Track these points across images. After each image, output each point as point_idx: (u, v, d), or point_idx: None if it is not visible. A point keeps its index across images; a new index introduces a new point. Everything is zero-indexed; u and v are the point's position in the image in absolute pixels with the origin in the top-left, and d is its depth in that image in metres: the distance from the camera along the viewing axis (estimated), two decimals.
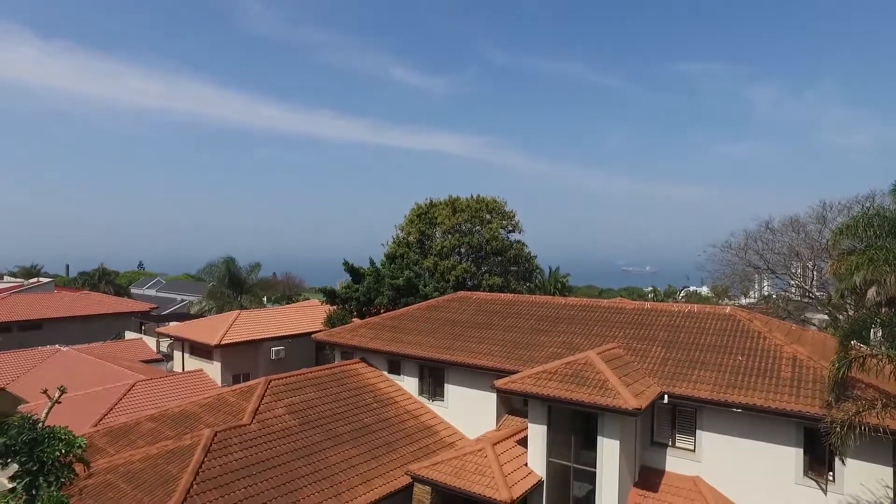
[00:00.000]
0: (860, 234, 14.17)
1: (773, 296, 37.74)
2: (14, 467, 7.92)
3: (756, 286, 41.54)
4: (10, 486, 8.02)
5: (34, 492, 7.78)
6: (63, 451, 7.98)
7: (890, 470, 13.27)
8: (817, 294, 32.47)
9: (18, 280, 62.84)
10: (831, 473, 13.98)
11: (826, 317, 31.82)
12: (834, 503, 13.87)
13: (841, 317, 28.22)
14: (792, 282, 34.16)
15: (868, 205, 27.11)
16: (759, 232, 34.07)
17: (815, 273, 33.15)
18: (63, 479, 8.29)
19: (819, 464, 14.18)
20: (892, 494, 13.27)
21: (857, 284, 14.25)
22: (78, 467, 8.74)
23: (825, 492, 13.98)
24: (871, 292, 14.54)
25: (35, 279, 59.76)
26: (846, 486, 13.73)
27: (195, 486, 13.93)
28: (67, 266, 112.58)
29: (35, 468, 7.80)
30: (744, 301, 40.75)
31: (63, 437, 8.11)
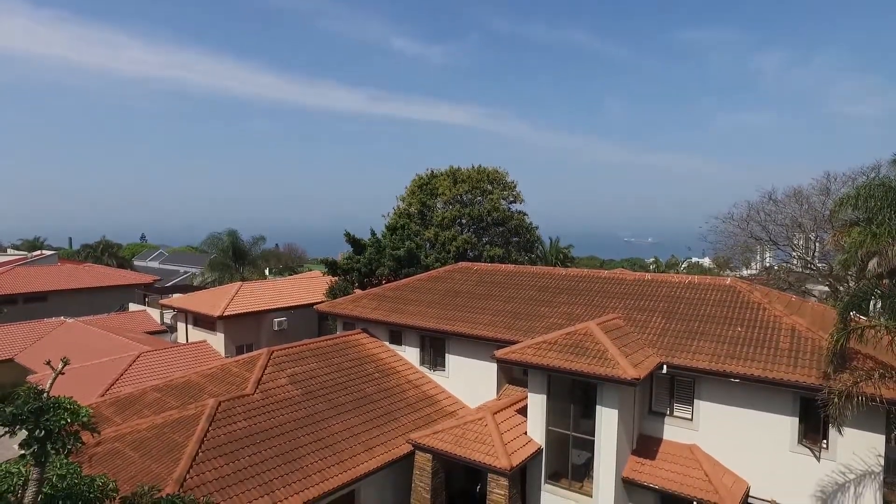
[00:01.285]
0: (862, 205, 14.07)
1: (775, 267, 37.73)
2: (22, 435, 8.05)
3: (758, 257, 41.48)
4: (21, 452, 8.16)
5: (43, 458, 7.91)
6: (68, 421, 8.08)
7: (882, 438, 13.47)
8: (819, 265, 32.45)
9: (22, 253, 63.08)
10: (825, 441, 14.19)
11: (826, 288, 31.85)
12: (826, 470, 14.12)
13: (841, 288, 28.26)
14: (794, 253, 34.11)
15: (873, 175, 26.85)
16: (762, 203, 33.90)
17: (817, 244, 33.07)
18: (70, 447, 8.41)
19: (813, 432, 14.39)
20: (882, 461, 13.50)
21: (859, 256, 14.24)
22: (85, 436, 8.86)
23: (818, 459, 14.22)
24: (873, 263, 14.54)
25: (38, 252, 59.96)
26: (839, 453, 13.96)
27: (200, 454, 14.22)
28: (70, 239, 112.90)
29: (42, 436, 7.90)
30: (745, 272, 40.75)
31: (68, 406, 8.21)
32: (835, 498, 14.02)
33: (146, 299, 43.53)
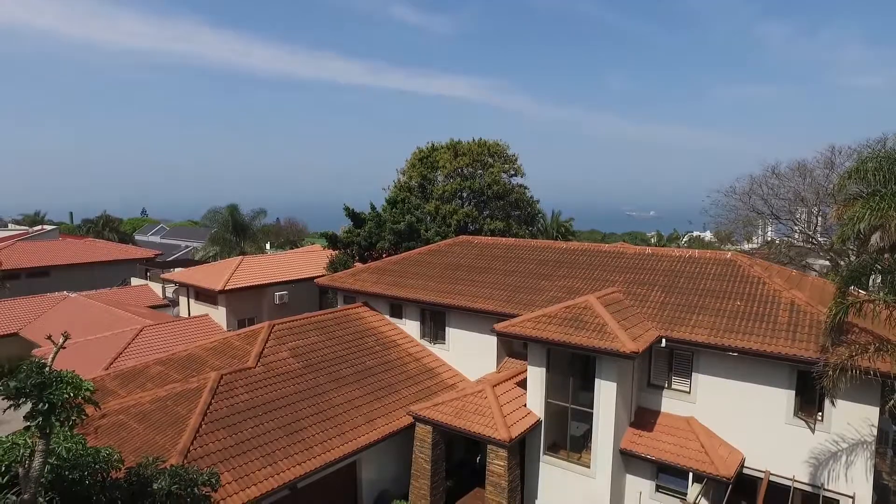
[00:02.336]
0: (868, 178, 13.88)
1: (776, 241, 37.67)
2: (27, 408, 8.16)
3: (759, 232, 41.38)
4: (26, 425, 8.29)
5: (47, 430, 8.04)
6: (71, 395, 8.17)
7: (876, 410, 13.62)
8: (820, 240, 32.37)
9: (23, 228, 63.12)
10: (820, 413, 14.35)
11: (827, 262, 31.85)
12: (820, 441, 14.32)
13: (842, 263, 28.22)
14: (795, 227, 34.00)
15: (879, 148, 26.55)
16: (765, 177, 33.66)
17: (819, 219, 32.94)
18: (73, 420, 8.54)
19: (809, 404, 14.54)
20: (875, 432, 13.67)
21: (861, 230, 14.14)
22: (90, 408, 8.99)
23: (813, 430, 14.40)
24: (875, 238, 14.43)
25: (39, 227, 59.98)
26: (833, 425, 14.14)
27: (204, 426, 14.43)
28: (71, 214, 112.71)
29: (46, 409, 8.01)
30: (746, 246, 40.69)
31: (70, 380, 8.29)
32: (827, 467, 14.25)
33: (148, 274, 43.63)
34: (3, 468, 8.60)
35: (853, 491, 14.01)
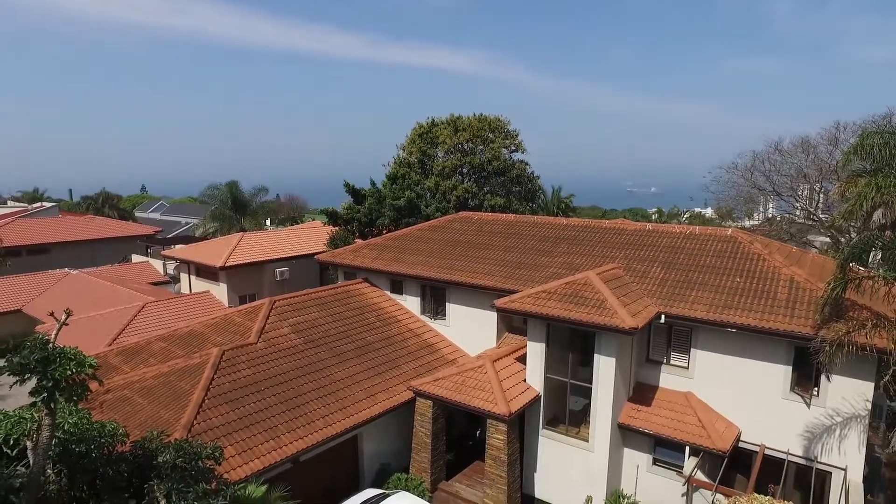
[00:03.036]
0: (875, 154, 13.75)
1: (777, 218, 37.61)
2: (32, 383, 8.26)
3: (760, 208, 41.29)
4: (32, 400, 8.40)
5: (53, 405, 8.14)
6: (75, 371, 8.26)
7: (871, 385, 13.76)
8: (821, 216, 32.31)
9: (22, 205, 62.98)
10: (816, 388, 14.50)
11: (828, 239, 31.83)
12: (815, 415, 14.50)
13: (843, 239, 28.20)
14: (797, 204, 33.91)
15: (885, 124, 26.30)
16: (768, 153, 33.47)
17: (821, 195, 32.84)
18: (77, 396, 8.64)
19: (805, 380, 14.68)
20: (869, 407, 13.84)
21: (864, 208, 14.08)
22: (93, 384, 9.09)
23: (808, 405, 14.57)
24: (878, 214, 14.39)
25: (39, 204, 59.85)
26: (828, 400, 14.30)
27: (207, 401, 14.61)
28: (70, 191, 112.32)
29: (50, 385, 8.11)
30: (747, 223, 40.65)
31: (73, 356, 8.37)
32: (821, 441, 14.45)
33: (148, 250, 43.69)
34: (12, 441, 8.75)
35: (845, 463, 14.24)
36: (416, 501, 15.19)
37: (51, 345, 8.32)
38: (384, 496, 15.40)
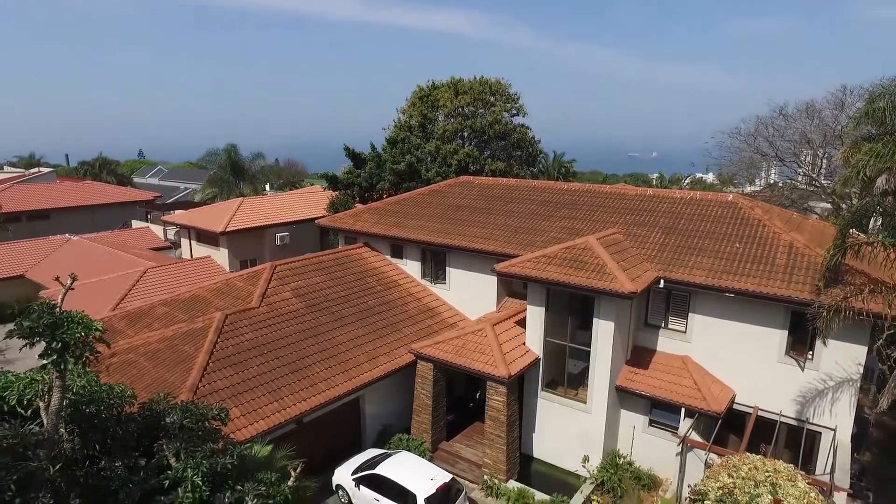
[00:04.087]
0: (885, 119, 13.57)
1: (779, 184, 37.43)
2: (41, 347, 8.39)
3: (762, 174, 41.04)
4: (42, 362, 8.54)
5: (62, 367, 8.30)
6: (82, 334, 8.38)
7: (864, 349, 13.99)
8: (823, 182, 32.15)
9: (19, 170, 62.51)
10: (810, 353, 14.74)
11: (829, 206, 31.75)
12: (808, 378, 14.79)
13: (844, 206, 28.15)
14: (799, 170, 33.70)
15: (893, 87, 25.84)
16: (772, 118, 33.05)
17: (824, 161, 32.59)
18: (86, 358, 8.79)
19: (800, 344, 14.91)
20: (861, 370, 14.08)
21: (866, 173, 14.02)
22: (100, 347, 9.23)
23: (802, 369, 14.83)
24: (881, 181, 14.35)
25: (36, 169, 59.39)
26: (822, 363, 14.55)
27: (211, 364, 14.86)
28: (67, 156, 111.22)
29: (59, 347, 8.24)
30: (748, 189, 40.48)
31: (80, 320, 8.48)
32: (813, 403, 14.77)
33: (148, 216, 43.67)
34: (25, 402, 8.95)
35: (835, 424, 14.59)
36: (418, 461, 15.61)
37: (58, 309, 8.42)
38: (386, 456, 15.83)
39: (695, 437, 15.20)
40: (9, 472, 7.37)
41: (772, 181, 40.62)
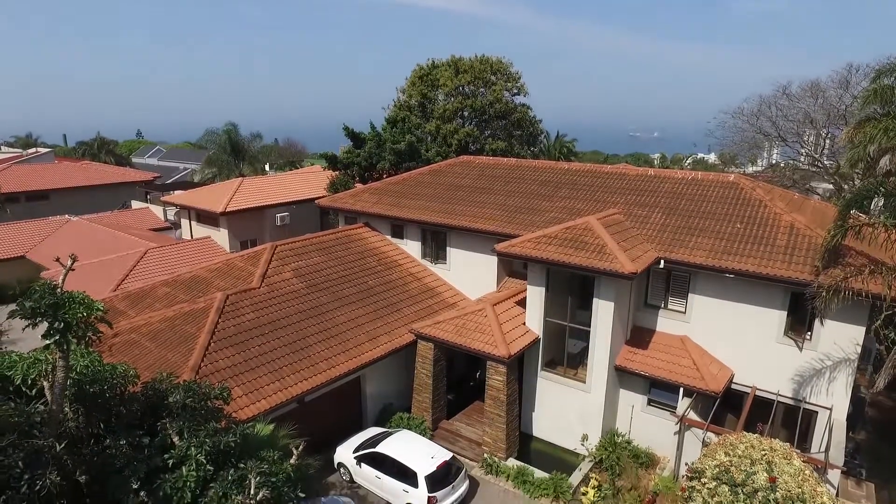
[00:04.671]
0: (889, 97, 13.40)
1: (781, 164, 37.24)
2: (44, 327, 8.45)
3: (764, 154, 40.79)
4: (45, 343, 8.61)
5: (65, 347, 8.37)
6: (84, 314, 8.43)
7: (863, 329, 14.06)
8: (826, 163, 31.96)
9: (17, 150, 62.14)
10: (809, 333, 14.81)
11: (831, 186, 31.62)
12: (806, 359, 14.89)
13: (846, 186, 28.04)
14: (802, 150, 33.48)
15: None
16: (775, 97, 32.73)
17: (827, 141, 32.35)
18: (88, 338, 8.85)
19: (799, 324, 14.98)
20: (859, 350, 14.17)
21: (871, 153, 13.93)
22: (102, 328, 9.29)
23: (801, 349, 14.91)
24: (885, 161, 14.26)
25: (33, 149, 59.02)
26: (821, 344, 14.64)
27: (212, 344, 14.95)
28: (65, 136, 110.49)
29: (62, 327, 8.30)
30: (750, 169, 40.28)
31: (82, 301, 8.52)
32: (810, 383, 14.89)
33: (148, 196, 43.52)
34: (30, 381, 9.04)
35: (832, 404, 14.73)
36: (418, 439, 15.79)
37: (59, 290, 8.45)
38: (387, 434, 16.01)
39: (693, 416, 15.36)
40: (16, 450, 7.47)
41: (774, 162, 40.38)
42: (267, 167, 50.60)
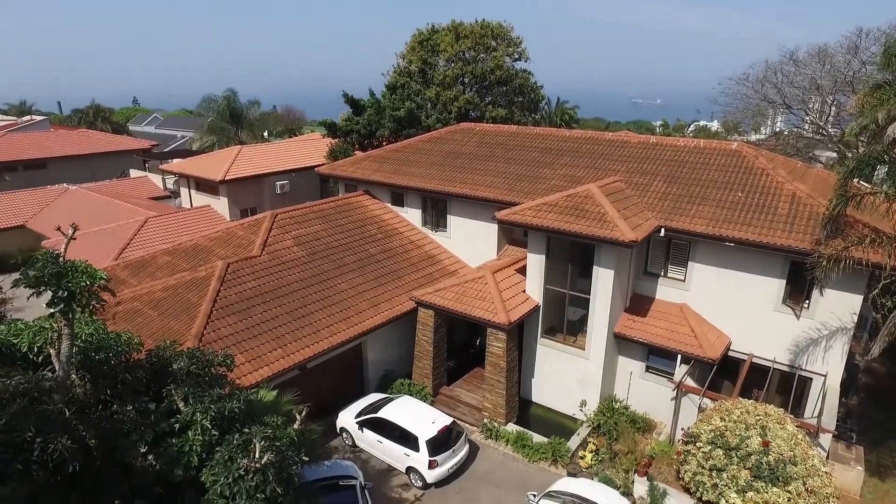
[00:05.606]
0: None
1: (785, 132, 36.84)
2: (47, 296, 8.51)
3: (768, 122, 40.30)
4: (50, 311, 8.69)
5: (70, 315, 8.44)
6: (87, 283, 8.48)
7: (860, 298, 14.15)
8: (830, 131, 31.60)
9: (11, 118, 61.39)
10: (807, 301, 14.91)
11: (834, 154, 31.34)
12: (803, 327, 15.02)
13: (850, 154, 27.79)
14: (806, 118, 33.06)
15: None
16: (782, 63, 32.12)
17: (832, 108, 31.90)
18: (92, 306, 8.93)
19: (797, 293, 15.06)
20: (856, 319, 14.30)
21: (878, 120, 13.73)
22: (105, 296, 9.36)
23: (798, 317, 15.04)
24: (892, 129, 14.05)
25: (28, 117, 58.30)
26: (818, 312, 14.76)
27: (215, 312, 15.07)
28: (59, 103, 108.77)
29: (66, 296, 8.36)
30: (753, 137, 39.87)
31: (85, 269, 8.56)
32: (806, 350, 15.07)
33: (146, 165, 43.19)
34: (36, 349, 9.16)
35: (826, 370, 14.94)
36: (419, 405, 16.07)
37: (61, 259, 8.48)
38: (388, 400, 16.28)
39: (690, 382, 15.60)
40: (27, 415, 7.61)
41: (777, 130, 39.94)
42: (266, 134, 50.10)
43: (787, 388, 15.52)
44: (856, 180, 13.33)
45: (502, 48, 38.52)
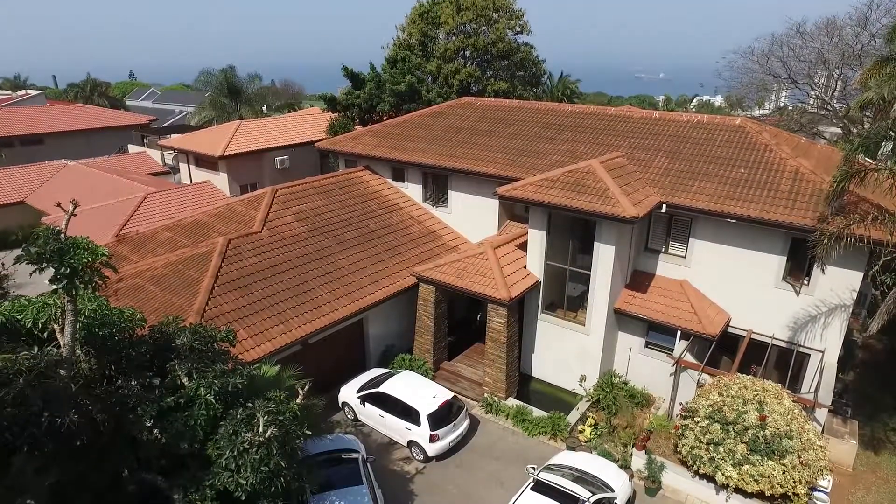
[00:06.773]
0: None
1: (789, 107, 36.40)
2: (50, 272, 8.52)
3: (773, 97, 39.79)
4: (53, 287, 8.70)
5: (73, 292, 8.46)
6: (89, 259, 8.49)
7: (860, 275, 14.17)
8: (836, 106, 31.19)
9: (6, 93, 60.68)
10: (807, 278, 14.93)
11: (839, 130, 31.02)
12: (803, 304, 15.08)
13: (855, 130, 27.50)
14: (812, 93, 32.62)
15: None
16: (788, 36, 31.55)
17: (839, 83, 31.44)
18: (94, 283, 8.94)
19: (798, 270, 15.08)
20: (855, 296, 14.34)
21: (885, 95, 13.58)
22: (107, 272, 9.36)
23: (798, 294, 15.08)
24: None
25: (23, 91, 57.63)
26: (818, 289, 14.79)
27: (216, 288, 15.12)
28: (54, 77, 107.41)
29: (68, 272, 8.37)
30: (757, 112, 39.42)
31: (86, 246, 8.56)
32: (805, 327, 15.15)
33: (144, 140, 42.86)
34: (41, 325, 9.21)
35: (824, 347, 15.04)
36: (420, 379, 16.23)
37: (62, 235, 8.47)
38: (390, 375, 16.45)
39: (689, 358, 15.72)
40: (34, 390, 7.70)
41: (781, 105, 39.47)
42: (264, 109, 49.62)
43: (785, 363, 15.66)
44: (860, 156, 13.20)
45: (504, 20, 37.88)
